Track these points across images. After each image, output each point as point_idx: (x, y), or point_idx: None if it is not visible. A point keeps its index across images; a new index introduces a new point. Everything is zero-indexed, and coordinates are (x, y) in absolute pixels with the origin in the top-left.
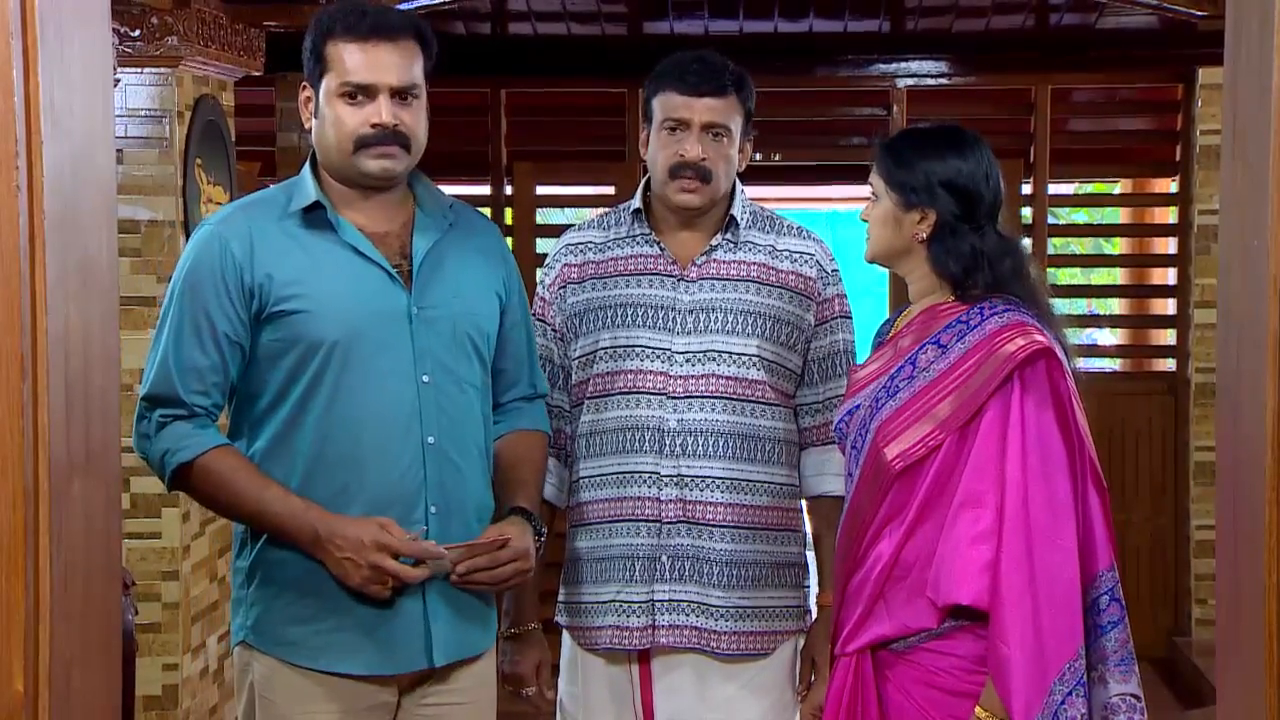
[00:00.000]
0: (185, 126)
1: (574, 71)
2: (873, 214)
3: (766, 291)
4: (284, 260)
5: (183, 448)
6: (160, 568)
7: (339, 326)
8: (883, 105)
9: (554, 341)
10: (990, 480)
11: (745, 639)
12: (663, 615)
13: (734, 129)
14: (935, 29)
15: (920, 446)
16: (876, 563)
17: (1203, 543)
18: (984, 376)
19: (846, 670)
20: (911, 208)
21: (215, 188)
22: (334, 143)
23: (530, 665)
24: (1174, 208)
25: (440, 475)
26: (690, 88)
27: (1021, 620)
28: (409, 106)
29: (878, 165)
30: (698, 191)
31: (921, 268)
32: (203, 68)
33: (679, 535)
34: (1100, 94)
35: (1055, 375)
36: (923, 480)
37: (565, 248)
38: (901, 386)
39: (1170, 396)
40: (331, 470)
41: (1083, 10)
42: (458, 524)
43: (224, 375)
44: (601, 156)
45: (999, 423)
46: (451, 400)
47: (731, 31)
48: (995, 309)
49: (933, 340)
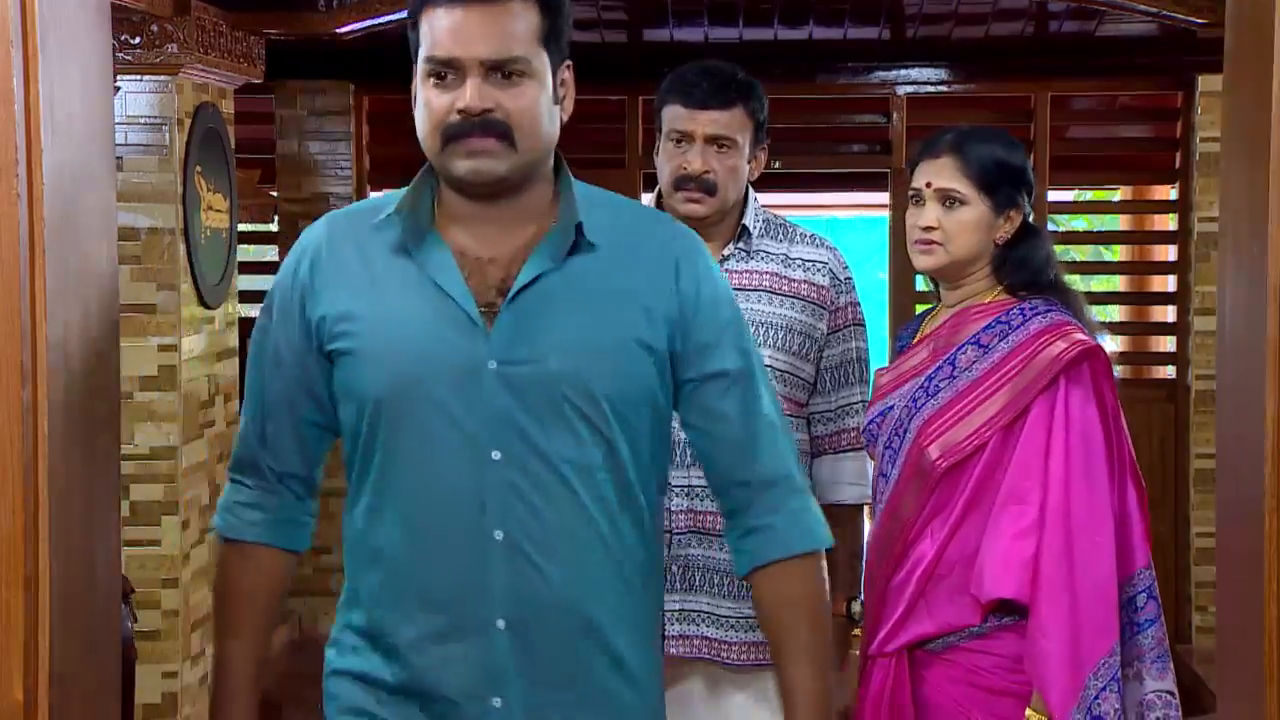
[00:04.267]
0: (185, 134)
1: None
2: (958, 219)
3: (779, 301)
4: (345, 284)
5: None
6: (160, 575)
7: (388, 379)
8: (882, 112)
9: None
10: (1035, 478)
11: (755, 649)
12: (673, 625)
13: (740, 140)
14: (935, 36)
15: (965, 445)
16: (919, 562)
17: (1203, 550)
18: (1030, 375)
19: (886, 671)
20: (1002, 210)
21: (215, 195)
22: (423, 137)
23: None
24: (1174, 214)
25: (514, 580)
26: (694, 101)
27: (1060, 615)
28: (513, 86)
29: (960, 168)
30: (702, 203)
31: (982, 270)
32: (203, 75)
33: (689, 546)
34: (1100, 101)
35: (1100, 374)
36: (967, 479)
37: None
38: (942, 386)
39: (1170, 404)
40: (377, 560)
41: (1082, 17)
42: (550, 643)
43: (294, 435)
44: (601, 164)
45: (1045, 421)
46: (535, 484)
47: (731, 39)
48: (1036, 309)
49: (972, 341)
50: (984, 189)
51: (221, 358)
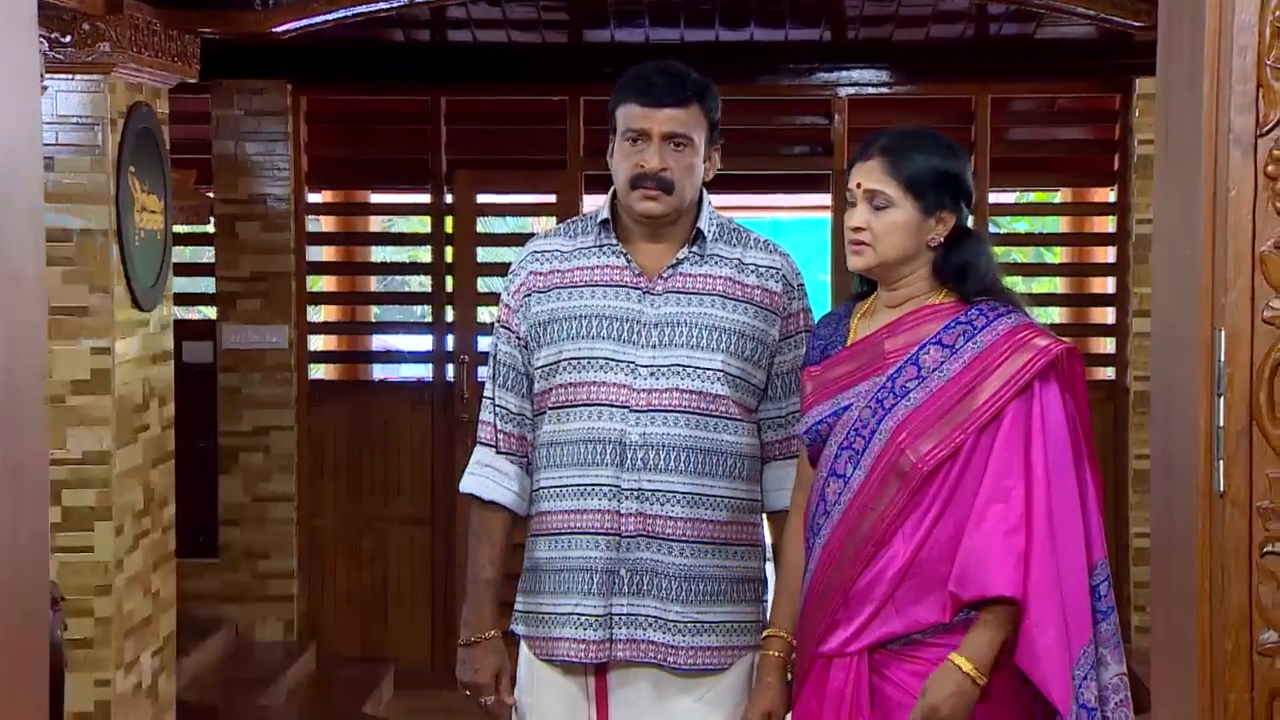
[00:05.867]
0: (118, 134)
1: (514, 79)
2: (885, 221)
3: (732, 306)
4: None
5: None
6: (93, 582)
7: None
8: (824, 114)
9: (518, 349)
10: (1016, 475)
11: (703, 654)
12: (620, 629)
13: (696, 139)
14: (876, 38)
15: (945, 445)
16: (891, 562)
17: (1142, 550)
18: (1006, 375)
19: (847, 671)
20: (932, 213)
21: (149, 196)
22: None
23: (489, 673)
24: (1113, 216)
25: None
26: (650, 99)
27: (1053, 610)
28: None
29: (888, 170)
30: (659, 200)
31: (921, 272)
32: (136, 74)
33: (638, 549)
34: (1040, 103)
35: (1077, 372)
36: (944, 478)
37: (532, 255)
38: (911, 387)
39: (1110, 404)
40: None
41: (1022, 20)
42: None
43: None
44: (542, 165)
45: (1023, 419)
46: None
47: (672, 40)
48: (996, 309)
49: (934, 341)
50: (912, 191)
51: (156, 361)
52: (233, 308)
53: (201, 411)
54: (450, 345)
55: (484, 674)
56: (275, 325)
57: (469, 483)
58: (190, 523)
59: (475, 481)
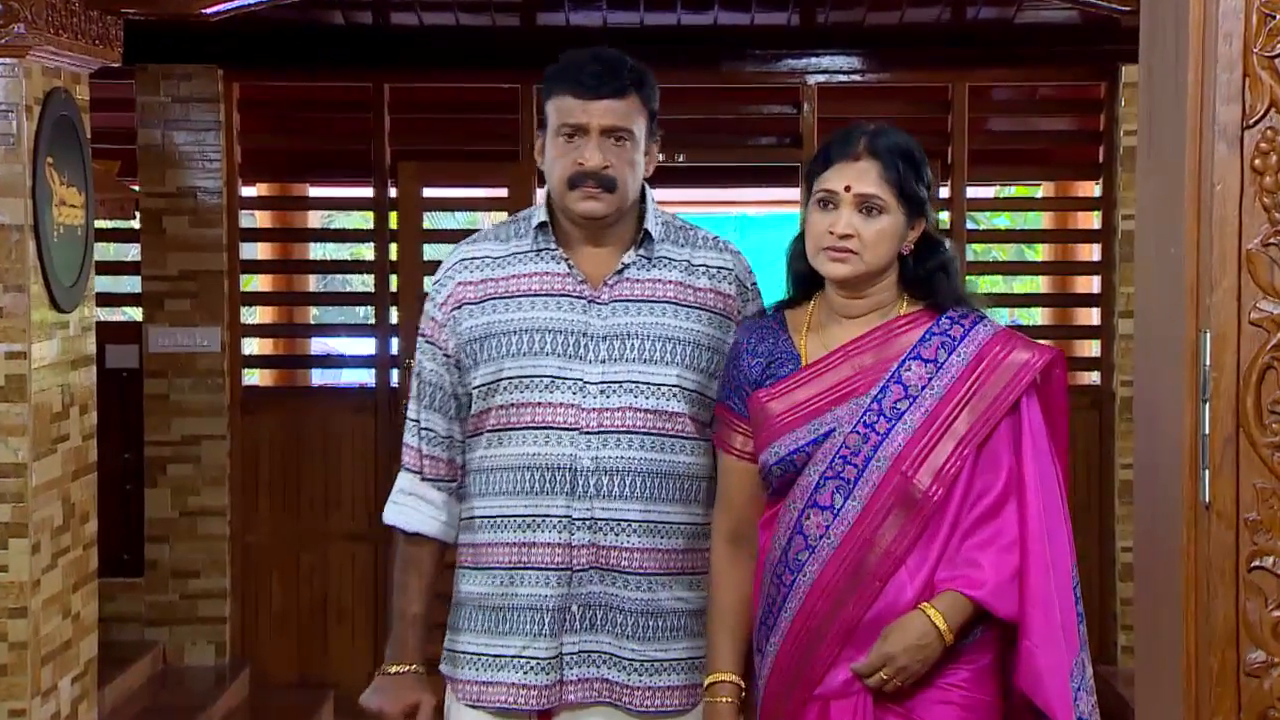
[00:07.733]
0: (34, 122)
1: (462, 65)
2: (876, 228)
3: (685, 314)
4: None
5: None
6: (7, 604)
7: None
8: (793, 103)
9: (446, 368)
10: (1010, 488)
11: (662, 694)
12: (571, 669)
13: (637, 132)
14: (847, 22)
15: (950, 467)
16: (901, 592)
17: (1129, 565)
18: (997, 388)
19: (853, 712)
20: (913, 219)
21: (69, 189)
22: None
23: (400, 705)
24: (1098, 212)
25: None
26: (586, 90)
27: (1052, 627)
28: None
29: (883, 174)
30: (601, 199)
31: (890, 279)
32: (54, 58)
33: (590, 583)
34: (1020, 92)
35: (1059, 381)
36: (951, 502)
37: (459, 263)
38: (904, 409)
39: (1095, 411)
40: None
41: (1001, 4)
42: None
43: None
44: (493, 156)
45: (1011, 432)
46: None
47: (632, 23)
48: (968, 316)
49: (913, 356)
50: (902, 197)
51: (77, 365)
52: (160, 309)
53: (126, 420)
54: (395, 349)
55: (394, 705)
56: (206, 328)
57: (391, 513)
58: (113, 540)
59: (398, 512)
